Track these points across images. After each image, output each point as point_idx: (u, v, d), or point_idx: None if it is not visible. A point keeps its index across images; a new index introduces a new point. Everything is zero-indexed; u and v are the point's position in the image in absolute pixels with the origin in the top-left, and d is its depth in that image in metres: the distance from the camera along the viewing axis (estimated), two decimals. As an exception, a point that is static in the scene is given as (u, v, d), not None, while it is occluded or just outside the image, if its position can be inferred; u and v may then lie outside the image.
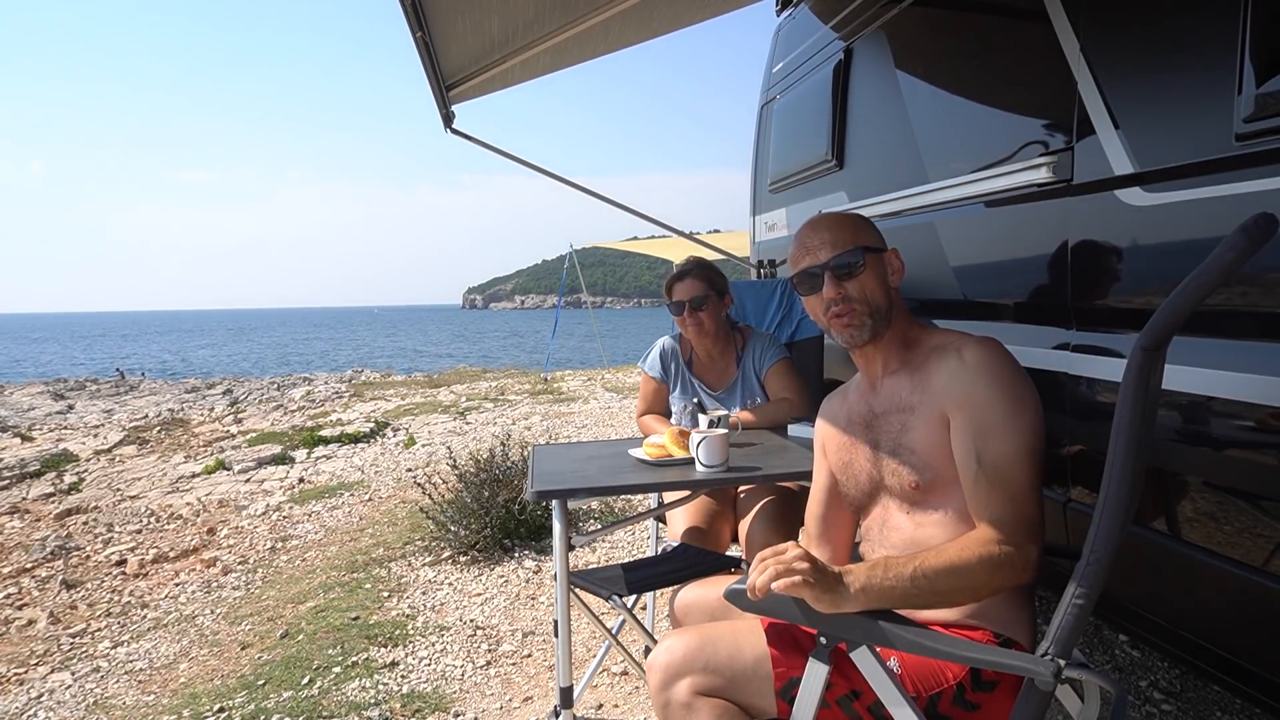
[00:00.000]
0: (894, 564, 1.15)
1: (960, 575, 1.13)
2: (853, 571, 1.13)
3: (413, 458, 6.36)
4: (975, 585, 1.15)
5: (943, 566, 1.13)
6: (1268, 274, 1.31)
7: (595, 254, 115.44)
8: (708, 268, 2.49)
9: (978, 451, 1.21)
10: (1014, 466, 1.19)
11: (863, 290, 1.33)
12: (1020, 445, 1.19)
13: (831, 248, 1.34)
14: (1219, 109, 1.37)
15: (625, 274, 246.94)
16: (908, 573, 1.13)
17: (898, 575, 1.13)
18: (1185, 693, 2.25)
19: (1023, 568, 1.16)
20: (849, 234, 1.35)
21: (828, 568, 1.12)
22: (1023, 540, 1.16)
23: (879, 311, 1.34)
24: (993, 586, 1.16)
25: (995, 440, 1.20)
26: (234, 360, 37.26)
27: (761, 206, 4.15)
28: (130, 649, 3.16)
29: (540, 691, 2.45)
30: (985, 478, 1.20)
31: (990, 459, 1.20)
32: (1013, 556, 1.15)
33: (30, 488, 6.46)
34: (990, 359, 1.24)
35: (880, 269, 1.36)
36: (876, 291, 1.34)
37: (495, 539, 3.71)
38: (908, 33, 2.62)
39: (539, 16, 3.14)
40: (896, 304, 1.38)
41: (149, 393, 15.60)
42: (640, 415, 2.59)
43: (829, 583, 1.10)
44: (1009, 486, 1.18)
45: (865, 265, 1.33)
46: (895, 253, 1.39)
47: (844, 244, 1.34)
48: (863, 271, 1.33)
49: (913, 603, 1.15)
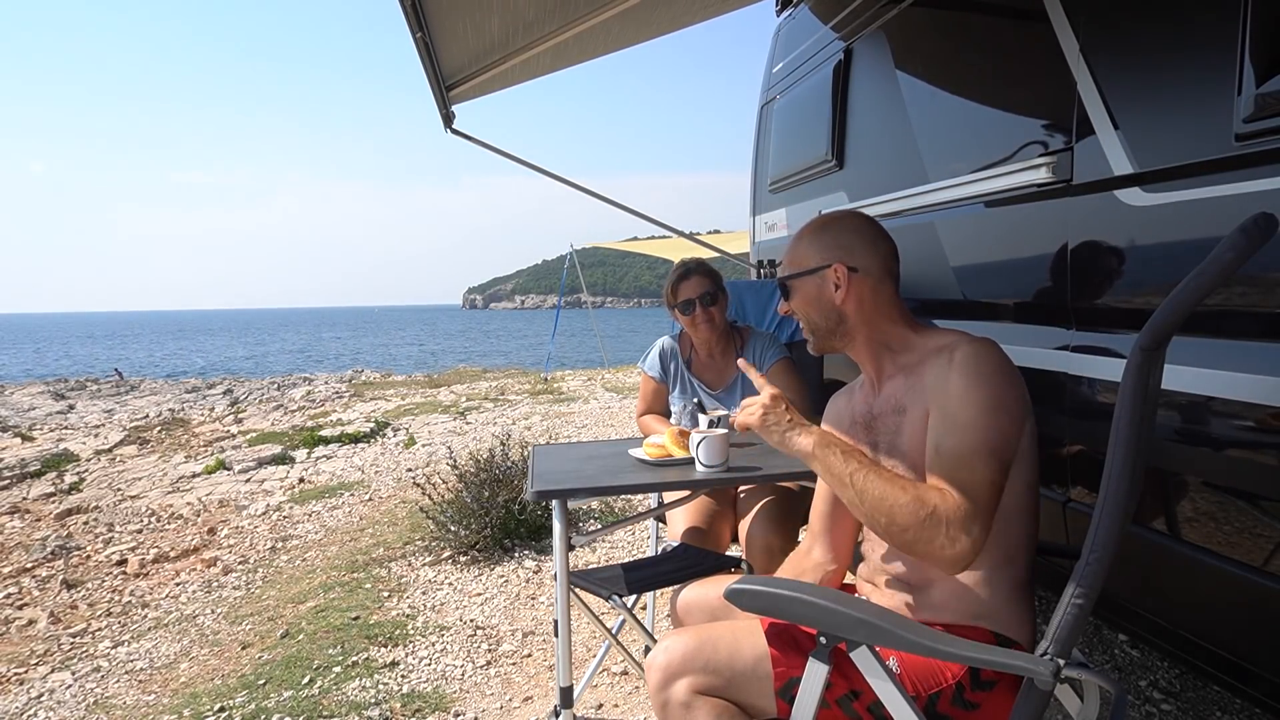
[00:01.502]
0: (851, 457, 1.24)
1: (884, 506, 1.18)
2: (815, 433, 1.29)
3: (413, 458, 6.36)
4: (892, 525, 1.18)
5: (877, 486, 1.20)
6: (1268, 274, 1.31)
7: (595, 254, 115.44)
8: (707, 265, 2.50)
9: (939, 442, 1.20)
10: (974, 460, 1.17)
11: (802, 309, 1.40)
12: (984, 443, 1.17)
13: (787, 265, 1.41)
14: (1219, 109, 1.37)
15: (625, 274, 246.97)
16: (848, 470, 1.23)
17: (844, 464, 1.23)
18: (1185, 693, 2.25)
19: (943, 548, 1.15)
20: (799, 253, 1.39)
21: (790, 414, 1.32)
22: (956, 525, 1.14)
23: (817, 330, 1.39)
24: (907, 541, 1.18)
25: (958, 434, 1.18)
26: (243, 363, 37.21)
27: (761, 206, 4.15)
28: (131, 649, 3.16)
29: (540, 691, 2.46)
30: (941, 466, 1.19)
31: (949, 451, 1.19)
32: (936, 531, 1.14)
33: (31, 487, 6.46)
34: (977, 357, 1.22)
35: (815, 289, 1.36)
36: (811, 311, 1.38)
37: (495, 539, 3.71)
38: (908, 33, 2.63)
39: (539, 18, 3.15)
40: (856, 318, 1.35)
41: (149, 393, 15.60)
42: (640, 415, 2.59)
43: (783, 424, 1.31)
44: (963, 480, 1.17)
45: (792, 290, 1.39)
46: (838, 267, 1.33)
47: (791, 264, 1.40)
48: (793, 296, 1.40)
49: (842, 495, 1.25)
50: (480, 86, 3.75)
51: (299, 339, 71.51)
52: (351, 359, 37.28)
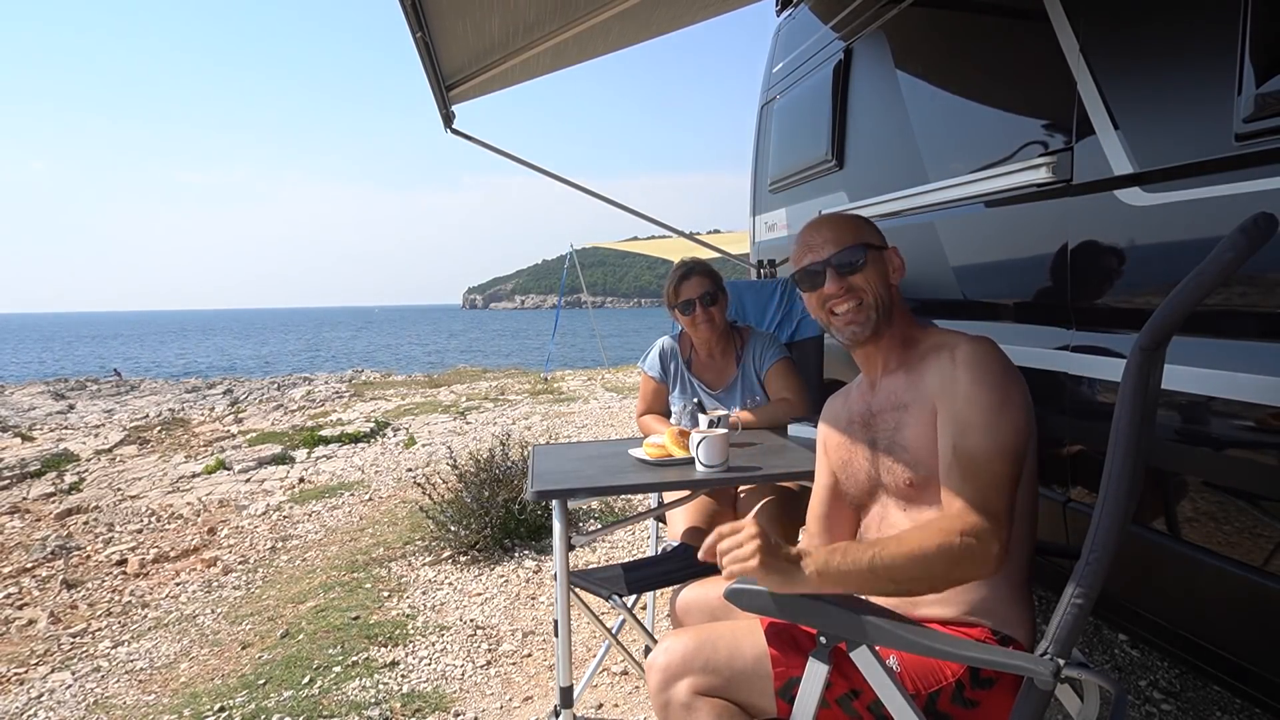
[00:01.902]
0: (853, 549, 1.14)
1: (919, 565, 1.13)
2: (811, 554, 1.14)
3: (413, 458, 6.36)
4: (933, 576, 1.15)
5: (902, 555, 1.13)
6: (1267, 274, 1.31)
7: (595, 254, 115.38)
8: (707, 265, 2.50)
9: (954, 444, 1.21)
10: (990, 463, 1.18)
11: (866, 283, 1.35)
12: (998, 443, 1.19)
13: (834, 244, 1.36)
14: (1219, 109, 1.37)
15: (625, 274, 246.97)
16: (865, 559, 1.13)
17: (855, 561, 1.13)
18: (1185, 693, 2.25)
19: (983, 561, 1.14)
20: (851, 232, 1.38)
21: (781, 549, 1.13)
22: (987, 535, 1.15)
23: (882, 305, 1.36)
24: (951, 578, 1.16)
25: (973, 435, 1.20)
26: (250, 362, 37.12)
27: (761, 206, 4.15)
28: (131, 648, 3.16)
29: (540, 691, 2.46)
30: (958, 469, 1.20)
31: (965, 452, 1.20)
32: (973, 549, 1.13)
33: (31, 487, 6.47)
34: (979, 356, 1.25)
35: (881, 266, 1.38)
36: (878, 286, 1.36)
37: (495, 539, 3.71)
38: (908, 33, 2.63)
39: (540, 19, 3.15)
40: (897, 302, 1.39)
41: (149, 392, 15.61)
42: (640, 415, 2.59)
43: (781, 565, 1.11)
44: (980, 481, 1.18)
45: (867, 262, 1.36)
46: (895, 250, 1.41)
47: (846, 241, 1.37)
48: (865, 267, 1.35)
49: (871, 589, 1.15)
50: (480, 86, 3.75)
51: (304, 339, 71.47)
52: (362, 358, 37.30)
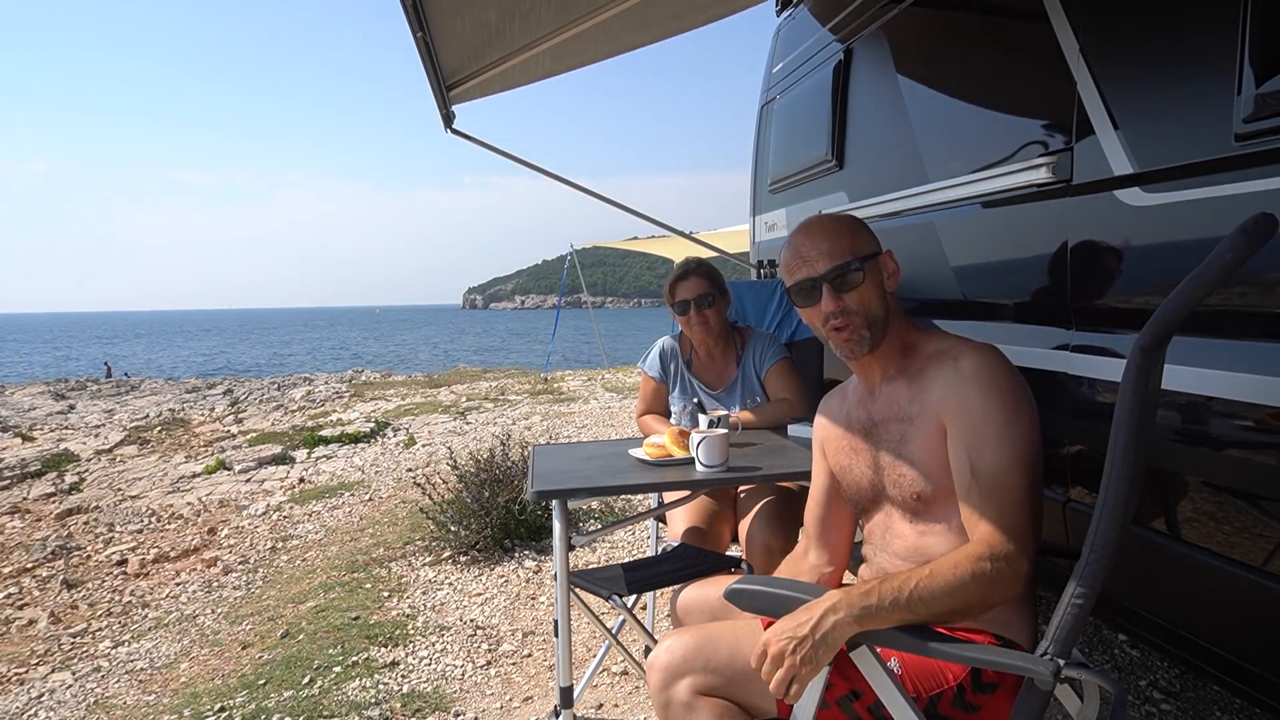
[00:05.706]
0: (884, 588, 1.13)
1: (956, 597, 1.12)
2: (836, 603, 1.12)
3: (413, 458, 6.36)
4: (970, 605, 1.14)
5: (937, 590, 1.12)
6: (1267, 274, 1.31)
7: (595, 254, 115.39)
8: (708, 266, 2.50)
9: (972, 463, 1.20)
10: (1010, 477, 1.18)
11: (861, 302, 1.30)
12: (1016, 457, 1.18)
13: (829, 258, 1.30)
14: (1218, 109, 1.37)
15: (625, 274, 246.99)
16: (904, 598, 1.12)
17: (894, 602, 1.12)
18: (1185, 692, 2.25)
19: (1013, 580, 1.15)
20: (845, 242, 1.31)
21: (799, 614, 1.13)
22: (1015, 554, 1.15)
23: (876, 322, 1.32)
24: (986, 603, 1.16)
25: (990, 452, 1.19)
26: (258, 361, 37.13)
27: (761, 206, 4.15)
28: (131, 649, 3.16)
29: (540, 691, 2.46)
30: (979, 489, 1.19)
31: (985, 471, 1.19)
32: (1004, 571, 1.14)
33: (31, 488, 6.47)
34: (986, 368, 1.23)
35: (878, 275, 1.33)
36: (874, 301, 1.31)
37: (495, 539, 3.71)
38: (908, 33, 2.62)
39: (535, 7, 3.12)
40: (893, 309, 1.35)
41: (150, 393, 15.61)
42: (640, 415, 2.59)
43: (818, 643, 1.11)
44: (1003, 499, 1.17)
45: (865, 275, 1.31)
46: (890, 254, 1.37)
47: (841, 253, 1.30)
48: (862, 282, 1.31)
49: (903, 623, 1.14)
50: (480, 87, 3.75)
51: (312, 339, 71.32)
52: (372, 359, 37.32)
